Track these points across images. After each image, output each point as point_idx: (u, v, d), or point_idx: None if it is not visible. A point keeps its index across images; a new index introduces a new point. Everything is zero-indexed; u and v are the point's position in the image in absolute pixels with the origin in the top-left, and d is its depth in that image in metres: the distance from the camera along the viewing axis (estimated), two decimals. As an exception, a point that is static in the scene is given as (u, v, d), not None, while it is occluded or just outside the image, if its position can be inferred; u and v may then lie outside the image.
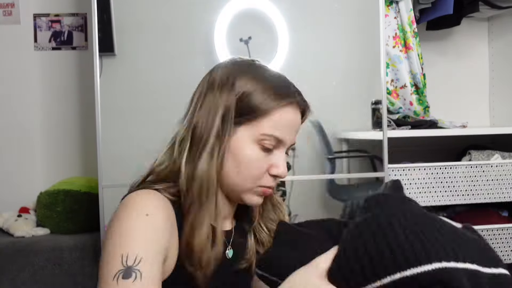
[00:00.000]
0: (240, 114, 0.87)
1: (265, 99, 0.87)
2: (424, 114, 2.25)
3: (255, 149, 0.88)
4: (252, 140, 0.88)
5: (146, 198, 0.83)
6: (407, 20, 2.20)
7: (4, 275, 1.94)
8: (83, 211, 2.15)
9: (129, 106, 2.06)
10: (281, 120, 0.88)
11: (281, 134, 0.88)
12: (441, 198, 2.02)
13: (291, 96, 0.90)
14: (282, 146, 0.90)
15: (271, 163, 0.89)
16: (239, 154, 0.88)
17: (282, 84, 0.92)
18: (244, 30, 2.09)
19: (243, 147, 0.88)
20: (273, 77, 0.92)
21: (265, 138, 0.87)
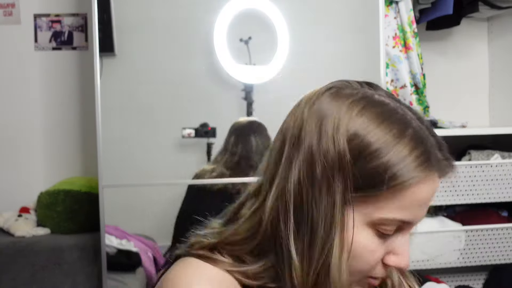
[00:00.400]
0: (352, 187, 0.59)
1: (394, 169, 0.58)
2: (424, 114, 2.25)
3: (369, 235, 0.60)
4: (363, 223, 0.60)
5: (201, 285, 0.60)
6: (407, 20, 2.20)
7: (5, 275, 1.95)
8: (83, 211, 2.15)
9: (129, 106, 2.06)
10: (414, 199, 0.60)
11: (410, 216, 0.61)
12: (441, 198, 2.02)
13: (431, 158, 0.60)
14: (407, 228, 0.63)
15: (389, 249, 0.62)
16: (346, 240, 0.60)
17: (417, 135, 0.60)
18: (244, 30, 2.10)
19: (352, 231, 0.60)
20: (402, 120, 0.60)
21: (386, 223, 0.60)
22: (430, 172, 0.60)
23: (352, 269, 0.61)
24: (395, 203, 0.59)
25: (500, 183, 2.04)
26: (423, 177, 0.59)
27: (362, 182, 0.58)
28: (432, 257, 2.02)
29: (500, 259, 2.06)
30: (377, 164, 0.58)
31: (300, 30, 2.14)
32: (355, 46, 2.27)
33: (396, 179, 0.58)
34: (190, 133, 2.02)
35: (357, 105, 0.60)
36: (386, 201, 0.59)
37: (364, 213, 0.60)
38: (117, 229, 2.09)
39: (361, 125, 0.59)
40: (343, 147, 0.58)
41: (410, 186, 0.58)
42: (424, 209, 0.62)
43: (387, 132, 0.59)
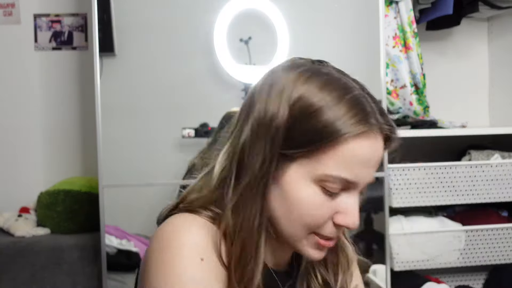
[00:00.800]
0: (295, 143, 0.66)
1: (332, 124, 0.64)
2: (424, 114, 2.25)
3: (315, 192, 0.66)
4: (310, 179, 0.66)
5: (192, 232, 0.67)
6: (407, 20, 2.20)
7: (5, 275, 1.95)
8: (83, 211, 2.15)
9: (129, 106, 2.06)
10: (353, 155, 0.65)
11: (352, 174, 0.66)
12: (441, 198, 2.02)
13: (369, 117, 0.66)
14: (354, 188, 0.68)
15: (337, 209, 0.68)
16: (291, 196, 0.66)
17: (356, 98, 0.67)
18: (244, 30, 2.09)
19: (298, 187, 0.66)
20: (344, 86, 0.68)
21: (329, 179, 0.66)
22: (368, 129, 0.65)
23: (297, 223, 0.67)
24: (336, 160, 0.65)
25: (500, 183, 2.04)
26: (361, 132, 0.64)
27: (304, 140, 0.65)
28: (432, 257, 2.01)
29: (500, 259, 2.06)
30: (317, 121, 0.64)
31: (300, 30, 2.14)
32: (355, 46, 2.27)
33: (334, 133, 0.64)
34: (190, 133, 2.02)
35: (304, 74, 0.68)
36: (328, 157, 0.65)
37: (309, 170, 0.66)
38: (117, 229, 2.09)
39: (305, 90, 0.66)
40: (284, 110, 0.66)
41: (348, 141, 0.64)
42: (368, 170, 0.67)
43: (328, 95, 0.65)
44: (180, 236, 0.66)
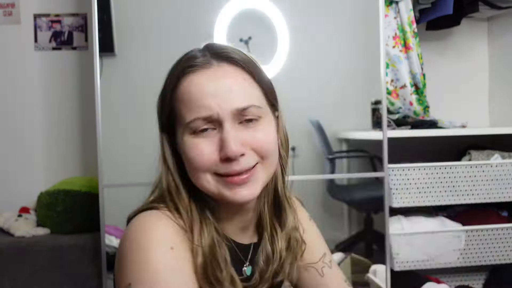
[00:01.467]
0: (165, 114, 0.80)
1: (169, 78, 0.79)
2: (424, 114, 2.25)
3: (189, 139, 0.76)
4: (185, 135, 0.76)
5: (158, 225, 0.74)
6: (407, 20, 2.20)
7: (4, 275, 1.95)
8: (83, 211, 2.15)
9: (129, 106, 2.06)
10: (191, 92, 0.75)
11: (202, 110, 0.74)
12: (441, 198, 2.01)
13: (194, 58, 0.77)
14: (220, 121, 0.74)
15: (218, 146, 0.75)
16: (182, 155, 0.78)
17: (187, 54, 0.80)
18: (244, 30, 2.10)
19: (181, 145, 0.77)
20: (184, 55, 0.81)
21: (191, 126, 0.75)
22: (195, 64, 0.75)
23: (193, 171, 0.76)
24: (184, 106, 0.75)
25: (500, 183, 2.04)
26: (190, 71, 0.75)
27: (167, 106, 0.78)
28: (432, 257, 2.01)
29: (500, 259, 2.06)
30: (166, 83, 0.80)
31: (300, 30, 2.14)
32: (355, 46, 2.27)
33: (172, 83, 0.77)
34: (190, 133, 2.01)
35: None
36: (180, 109, 0.76)
37: (180, 129, 0.77)
38: (117, 229, 2.09)
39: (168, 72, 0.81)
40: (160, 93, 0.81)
41: (180, 85, 0.76)
42: (219, 99, 0.73)
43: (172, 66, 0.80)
44: (148, 232, 0.72)
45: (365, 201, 2.38)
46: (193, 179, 0.77)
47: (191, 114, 0.74)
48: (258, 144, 0.76)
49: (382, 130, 2.00)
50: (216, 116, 0.73)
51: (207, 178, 0.76)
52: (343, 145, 2.39)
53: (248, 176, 0.75)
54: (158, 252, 0.70)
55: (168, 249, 0.70)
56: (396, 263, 1.99)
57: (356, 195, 2.42)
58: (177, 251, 0.71)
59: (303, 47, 2.16)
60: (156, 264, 0.69)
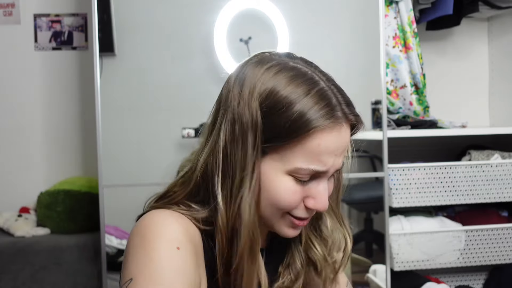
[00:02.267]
0: (266, 138, 0.70)
1: (300, 117, 0.68)
2: (424, 114, 2.25)
3: (289, 182, 0.72)
4: (282, 172, 0.72)
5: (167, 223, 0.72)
6: (407, 20, 2.20)
7: (4, 275, 1.95)
8: (83, 211, 2.15)
9: (129, 106, 2.06)
10: (321, 148, 0.70)
11: (320, 165, 0.71)
12: (441, 198, 2.02)
13: (335, 110, 0.70)
14: (323, 176, 0.74)
15: (308, 193, 0.74)
16: (268, 186, 0.72)
17: (323, 92, 0.70)
18: (244, 30, 2.09)
19: (273, 179, 0.72)
20: (311, 81, 0.71)
21: (300, 172, 0.71)
22: (335, 121, 0.69)
23: (273, 208, 0.73)
24: (305, 153, 0.69)
25: (500, 183, 2.04)
26: (328, 124, 0.69)
27: (274, 134, 0.69)
28: (432, 257, 2.01)
29: (500, 259, 2.06)
30: (287, 115, 0.68)
31: (300, 30, 2.14)
32: (355, 46, 2.27)
33: (302, 128, 0.68)
34: (190, 133, 2.02)
35: (272, 70, 0.72)
36: (298, 151, 0.69)
37: (280, 163, 0.71)
38: (117, 229, 2.09)
39: (274, 85, 0.70)
40: (255, 108, 0.69)
41: (316, 134, 0.68)
42: (335, 158, 0.72)
43: (296, 89, 0.69)
44: (156, 228, 0.71)
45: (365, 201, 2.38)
46: (260, 209, 0.74)
47: (306, 162, 0.70)
48: None
49: (382, 130, 2.00)
50: (325, 172, 0.73)
51: (279, 215, 0.76)
52: (343, 145, 2.38)
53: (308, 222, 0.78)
54: (164, 250, 0.68)
55: (174, 248, 0.69)
56: (396, 263, 1.99)
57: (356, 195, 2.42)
58: (183, 251, 0.70)
59: (303, 47, 2.16)
60: (160, 262, 0.68)
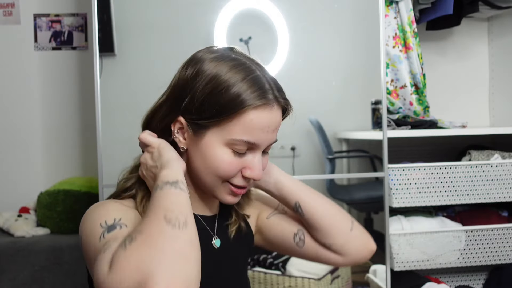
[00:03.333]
0: (207, 114, 0.83)
1: (236, 97, 0.81)
2: (424, 114, 2.25)
3: (226, 153, 0.84)
4: (221, 143, 0.84)
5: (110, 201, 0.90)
6: (407, 20, 2.20)
7: (4, 275, 1.95)
8: (83, 211, 2.15)
9: (129, 106, 2.06)
10: (253, 123, 0.83)
11: (253, 138, 0.84)
12: (441, 198, 2.01)
13: (267, 93, 0.83)
14: (257, 148, 0.86)
15: (245, 164, 0.86)
16: (208, 156, 0.85)
17: (256, 78, 0.84)
18: (244, 30, 2.09)
19: (213, 149, 0.84)
20: (247, 69, 0.85)
21: (236, 143, 0.83)
22: (267, 101, 0.82)
23: (213, 175, 0.85)
24: (240, 127, 0.82)
25: (500, 183, 2.04)
26: (260, 104, 0.81)
27: (214, 111, 0.82)
28: (432, 257, 2.01)
29: (500, 259, 2.06)
30: (225, 95, 0.81)
31: (300, 30, 2.14)
32: (355, 46, 2.27)
33: (238, 106, 0.81)
34: (190, 133, 2.02)
35: (216, 59, 0.85)
36: (234, 125, 0.82)
37: (220, 136, 0.83)
38: (117, 229, 2.09)
39: (217, 71, 0.83)
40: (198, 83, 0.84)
41: (249, 111, 0.81)
42: (267, 134, 0.84)
43: (235, 75, 0.82)
44: (97, 206, 0.88)
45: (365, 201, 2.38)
46: (203, 177, 0.87)
47: (242, 135, 0.82)
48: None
49: (382, 130, 2.00)
50: (257, 145, 0.85)
51: (218, 183, 0.87)
52: (343, 145, 2.39)
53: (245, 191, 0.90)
54: (103, 208, 0.86)
55: (112, 202, 0.88)
56: (396, 263, 1.99)
57: (356, 195, 2.42)
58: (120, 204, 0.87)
59: (303, 47, 2.16)
60: (105, 208, 0.85)
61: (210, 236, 0.93)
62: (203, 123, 0.83)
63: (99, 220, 0.81)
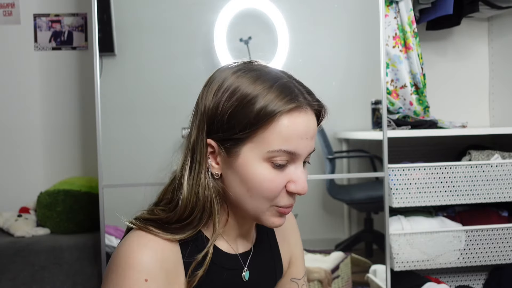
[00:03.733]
0: (240, 128, 0.77)
1: (266, 106, 0.76)
2: (424, 114, 2.25)
3: (266, 168, 0.77)
4: (259, 159, 0.77)
5: (141, 253, 0.77)
6: (407, 20, 2.20)
7: (4, 275, 1.95)
8: (83, 211, 2.15)
9: (129, 106, 2.06)
10: (289, 130, 0.76)
11: (292, 146, 0.77)
12: (441, 198, 2.02)
13: (297, 96, 0.78)
14: (298, 159, 0.79)
15: (288, 179, 0.79)
16: (247, 175, 0.78)
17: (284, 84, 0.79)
18: (244, 30, 2.09)
19: (251, 167, 0.77)
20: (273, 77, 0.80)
21: (274, 155, 0.77)
22: (298, 105, 0.77)
23: (258, 198, 0.78)
24: (276, 136, 0.76)
25: (500, 183, 2.04)
26: (291, 109, 0.76)
27: (246, 123, 0.76)
28: (432, 257, 2.01)
29: (500, 259, 2.06)
30: (254, 108, 0.75)
31: (300, 30, 2.14)
32: (355, 46, 2.27)
33: (269, 114, 0.75)
34: (190, 133, 2.02)
35: (238, 71, 0.80)
36: (269, 136, 0.76)
37: (256, 151, 0.77)
38: (117, 229, 2.09)
39: (240, 83, 0.78)
40: (224, 101, 0.78)
41: (282, 117, 0.76)
42: (306, 142, 0.78)
43: (260, 85, 0.77)
44: (130, 258, 0.76)
45: (365, 201, 2.38)
46: (246, 201, 0.80)
47: (279, 145, 0.76)
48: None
49: (382, 130, 2.00)
50: (297, 156, 0.78)
51: (265, 206, 0.80)
52: (343, 145, 2.39)
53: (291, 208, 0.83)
54: (132, 281, 0.74)
55: (142, 280, 0.74)
56: (396, 263, 1.99)
57: (356, 195, 2.42)
58: (151, 283, 0.75)
59: (303, 47, 2.16)
60: None
61: (241, 268, 0.89)
62: (237, 138, 0.77)
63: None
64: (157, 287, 0.76)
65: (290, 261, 1.01)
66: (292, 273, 1.01)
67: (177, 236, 0.79)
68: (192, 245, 0.81)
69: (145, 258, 0.76)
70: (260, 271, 0.92)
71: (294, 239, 1.02)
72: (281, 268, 0.99)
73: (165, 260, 0.78)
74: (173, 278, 0.79)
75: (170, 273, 0.78)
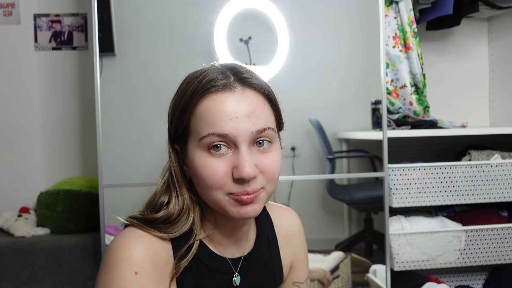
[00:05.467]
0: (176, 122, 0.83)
1: (190, 95, 0.79)
2: (424, 114, 2.25)
3: (203, 156, 0.78)
4: (197, 148, 0.78)
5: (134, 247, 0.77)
6: (407, 20, 2.20)
7: (4, 275, 1.95)
8: (83, 211, 2.15)
9: (129, 106, 2.06)
10: (212, 111, 0.76)
11: (220, 128, 0.76)
12: (441, 198, 2.02)
13: (217, 79, 0.78)
14: (236, 142, 0.77)
15: (233, 165, 0.77)
16: (193, 168, 0.79)
17: (209, 70, 0.81)
18: (244, 30, 2.09)
19: (194, 159, 0.79)
20: (208, 69, 0.83)
21: (206, 140, 0.77)
22: (221, 86, 0.77)
23: (206, 188, 0.78)
24: (203, 121, 0.77)
25: (500, 183, 2.04)
26: (213, 90, 0.77)
27: (179, 115, 0.81)
28: (432, 257, 2.01)
29: (500, 259, 2.06)
30: (184, 99, 0.80)
31: (300, 30, 2.14)
32: (355, 46, 2.27)
33: (192, 99, 0.78)
34: (190, 133, 2.02)
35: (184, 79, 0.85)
36: (197, 123, 0.77)
37: (194, 143, 0.79)
38: (117, 229, 2.09)
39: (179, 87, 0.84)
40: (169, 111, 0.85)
41: (204, 100, 0.77)
42: (237, 122, 0.76)
43: (191, 81, 0.81)
44: (121, 250, 0.77)
45: (365, 201, 2.38)
46: (203, 194, 0.81)
47: (207, 129, 0.76)
48: (269, 169, 0.79)
49: (382, 130, 2.00)
50: (232, 138, 0.76)
51: (219, 196, 0.78)
52: (343, 145, 2.39)
53: (254, 196, 0.78)
54: (122, 273, 0.75)
55: (132, 273, 0.75)
56: (396, 263, 1.99)
57: (356, 195, 2.42)
58: (140, 276, 0.76)
59: (303, 47, 2.16)
60: (118, 284, 0.75)
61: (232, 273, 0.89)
62: (180, 134, 0.81)
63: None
64: (147, 281, 0.76)
65: (293, 265, 1.01)
66: (295, 277, 1.02)
67: (166, 235, 0.81)
68: (183, 241, 0.83)
69: (136, 252, 0.77)
70: (256, 277, 0.92)
71: (298, 243, 1.02)
72: (281, 273, 0.98)
73: (156, 255, 0.79)
74: (164, 274, 0.80)
75: (160, 269, 0.79)
